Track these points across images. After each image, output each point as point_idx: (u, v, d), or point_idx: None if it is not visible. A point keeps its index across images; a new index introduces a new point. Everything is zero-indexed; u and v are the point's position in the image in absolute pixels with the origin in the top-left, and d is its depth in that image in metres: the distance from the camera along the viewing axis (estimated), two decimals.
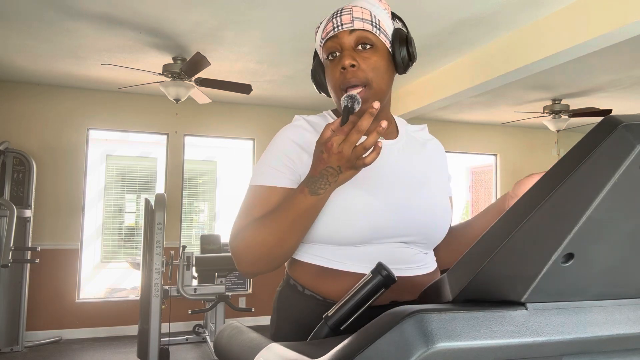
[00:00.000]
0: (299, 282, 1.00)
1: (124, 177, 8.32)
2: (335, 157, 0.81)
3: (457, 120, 6.47)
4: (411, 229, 0.97)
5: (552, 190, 0.43)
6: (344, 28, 0.97)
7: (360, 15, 0.98)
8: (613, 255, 0.48)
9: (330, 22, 0.99)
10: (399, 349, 0.44)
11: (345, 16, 0.98)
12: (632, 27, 2.67)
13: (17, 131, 4.93)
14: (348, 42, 0.97)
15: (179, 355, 4.46)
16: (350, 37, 0.97)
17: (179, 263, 4.16)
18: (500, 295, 0.50)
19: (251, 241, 0.92)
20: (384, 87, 1.00)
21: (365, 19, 0.98)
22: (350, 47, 0.97)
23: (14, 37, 3.68)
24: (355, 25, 0.97)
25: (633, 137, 0.40)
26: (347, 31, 0.97)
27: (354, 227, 0.93)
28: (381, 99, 0.99)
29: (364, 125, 0.79)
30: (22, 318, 4.50)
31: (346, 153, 0.81)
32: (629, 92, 4.94)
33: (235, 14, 3.21)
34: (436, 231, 1.01)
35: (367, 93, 0.96)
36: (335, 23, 0.98)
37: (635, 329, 0.52)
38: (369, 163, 0.82)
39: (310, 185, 0.86)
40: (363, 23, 0.97)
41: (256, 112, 5.79)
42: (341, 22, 0.98)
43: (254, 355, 0.71)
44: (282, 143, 1.01)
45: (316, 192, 0.86)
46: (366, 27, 0.97)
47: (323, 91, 1.10)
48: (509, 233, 0.47)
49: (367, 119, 0.79)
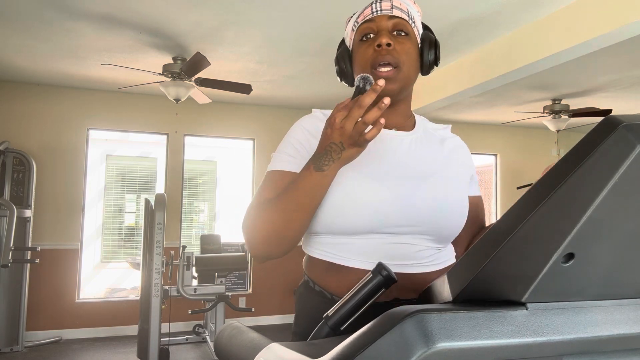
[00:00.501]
0: (311, 279, 1.03)
1: (124, 177, 8.32)
2: (338, 132, 0.84)
3: (457, 120, 6.47)
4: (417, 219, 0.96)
5: (552, 190, 0.43)
6: (383, 13, 1.02)
7: (399, 5, 1.03)
8: (613, 255, 0.48)
9: (370, 7, 1.04)
10: (399, 349, 0.44)
11: (385, 3, 1.03)
12: (632, 27, 2.67)
13: (17, 131, 4.93)
14: (385, 26, 1.02)
15: (179, 355, 4.46)
16: (389, 22, 1.02)
17: (179, 263, 4.16)
18: (501, 295, 0.50)
19: (260, 221, 0.94)
20: (411, 75, 1.03)
21: (403, 9, 1.03)
22: (387, 30, 1.02)
23: (14, 37, 3.68)
24: (394, 12, 1.03)
25: (633, 137, 0.40)
26: (386, 16, 1.02)
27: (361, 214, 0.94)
28: (406, 87, 1.03)
29: (366, 101, 0.81)
30: (22, 318, 4.51)
31: (348, 128, 0.83)
32: (629, 92, 4.94)
33: (235, 14, 3.21)
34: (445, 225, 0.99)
35: (397, 74, 0.99)
36: (374, 8, 1.03)
37: (635, 329, 0.52)
38: (370, 139, 0.83)
39: (315, 161, 0.88)
40: (401, 12, 1.03)
41: (256, 112, 5.79)
42: (381, 7, 1.03)
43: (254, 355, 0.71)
44: (295, 131, 1.06)
45: (320, 168, 0.88)
46: (403, 17, 1.03)
47: (345, 79, 1.11)
48: (509, 233, 0.47)
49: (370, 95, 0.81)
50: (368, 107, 0.82)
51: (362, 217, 0.94)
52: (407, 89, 1.04)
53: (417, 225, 0.97)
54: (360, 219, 0.94)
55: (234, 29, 3.47)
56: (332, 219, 0.95)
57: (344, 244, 0.97)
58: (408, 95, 1.09)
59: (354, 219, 0.94)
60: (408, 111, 1.11)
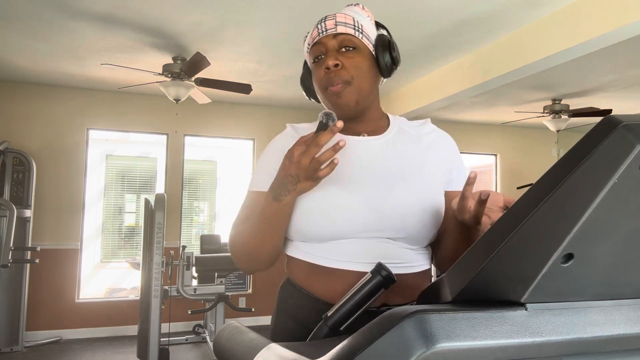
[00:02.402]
0: (295, 282, 1.04)
1: (124, 177, 8.31)
2: (295, 166, 0.88)
3: (457, 120, 6.47)
4: (388, 224, 0.96)
5: (552, 190, 0.43)
6: (327, 32, 1.04)
7: (343, 20, 1.04)
8: (613, 256, 0.48)
9: (316, 29, 1.06)
10: (399, 349, 0.44)
11: (329, 22, 1.04)
12: (632, 27, 2.67)
13: (17, 131, 4.93)
14: (332, 45, 1.03)
15: (179, 355, 4.46)
16: (334, 41, 1.03)
17: (179, 263, 4.16)
18: (500, 295, 0.50)
19: (237, 242, 1.03)
20: (365, 86, 1.03)
21: (347, 23, 1.04)
22: (334, 49, 1.03)
23: (14, 37, 3.68)
24: (338, 30, 1.03)
25: (633, 137, 0.39)
26: (331, 35, 1.04)
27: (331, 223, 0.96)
28: (362, 97, 1.04)
29: (322, 140, 0.85)
30: (22, 318, 4.51)
31: (304, 163, 0.87)
32: (629, 92, 4.94)
33: (235, 14, 3.21)
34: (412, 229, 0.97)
35: (347, 88, 1.01)
36: (320, 29, 1.05)
37: (635, 329, 0.52)
38: (323, 176, 0.88)
39: (273, 191, 0.93)
40: (346, 27, 1.03)
41: (256, 112, 5.79)
42: (325, 27, 1.04)
43: (254, 356, 0.71)
44: (269, 151, 1.11)
45: (278, 198, 0.92)
46: (349, 31, 1.03)
47: (312, 96, 1.16)
48: (509, 233, 0.47)
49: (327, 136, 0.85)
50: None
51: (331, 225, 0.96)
52: (365, 99, 1.05)
53: (388, 230, 0.97)
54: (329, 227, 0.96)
55: (234, 29, 3.47)
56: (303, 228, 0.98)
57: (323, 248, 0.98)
58: (372, 101, 1.08)
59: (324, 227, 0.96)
60: (376, 115, 1.11)
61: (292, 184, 0.90)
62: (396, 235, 0.97)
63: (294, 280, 1.05)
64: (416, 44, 3.69)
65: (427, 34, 3.51)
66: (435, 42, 3.69)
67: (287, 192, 0.91)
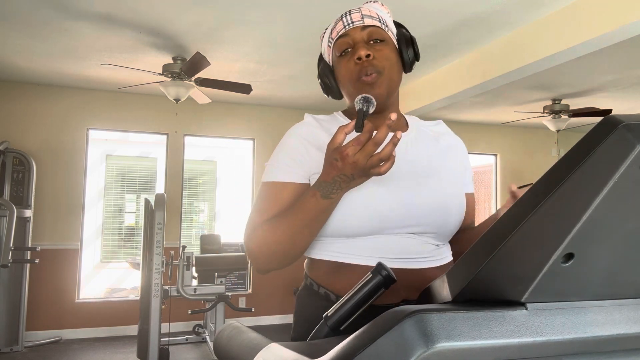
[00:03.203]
0: (315, 281, 1.02)
1: (124, 177, 8.31)
2: (350, 166, 0.83)
3: (457, 120, 6.47)
4: (419, 219, 0.97)
5: (552, 190, 0.43)
6: (355, 25, 1.03)
7: (369, 14, 1.04)
8: (613, 255, 0.48)
9: (341, 22, 1.05)
10: (399, 349, 0.44)
11: (355, 14, 1.03)
12: (632, 27, 2.67)
13: (17, 131, 4.93)
14: (360, 37, 1.02)
15: (179, 355, 4.46)
16: (363, 33, 1.02)
17: (179, 263, 4.16)
18: (500, 295, 0.50)
19: (265, 241, 0.96)
20: (395, 78, 1.04)
21: (373, 16, 1.04)
22: (363, 41, 1.02)
23: (13, 37, 3.68)
24: (365, 22, 1.03)
25: (633, 137, 0.40)
26: (359, 27, 1.03)
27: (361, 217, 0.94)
28: (392, 90, 1.04)
29: (382, 138, 0.81)
30: (22, 318, 4.50)
31: (361, 163, 0.82)
32: (629, 92, 4.94)
33: (235, 14, 3.21)
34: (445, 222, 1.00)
35: (380, 79, 1.00)
36: (346, 21, 1.04)
37: (635, 329, 0.52)
38: (383, 173, 0.83)
39: (322, 189, 0.88)
40: (372, 20, 1.04)
41: (256, 112, 5.79)
42: (352, 20, 1.03)
43: (254, 356, 0.71)
44: (292, 140, 1.04)
45: (328, 196, 0.88)
46: (376, 24, 1.03)
47: (332, 94, 1.12)
48: (509, 233, 0.47)
49: (384, 131, 0.81)
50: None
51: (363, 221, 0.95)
52: (393, 93, 1.05)
53: (418, 226, 0.98)
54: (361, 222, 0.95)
55: (234, 29, 3.47)
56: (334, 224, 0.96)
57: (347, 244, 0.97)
58: (395, 99, 1.09)
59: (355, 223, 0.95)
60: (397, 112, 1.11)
61: (345, 182, 0.86)
62: (424, 231, 0.99)
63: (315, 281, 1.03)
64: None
65: (427, 33, 3.51)
66: (435, 42, 3.69)
67: (340, 190, 0.88)
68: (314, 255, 1.02)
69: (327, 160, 0.87)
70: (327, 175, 0.87)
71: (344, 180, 0.86)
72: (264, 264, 0.98)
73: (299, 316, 1.06)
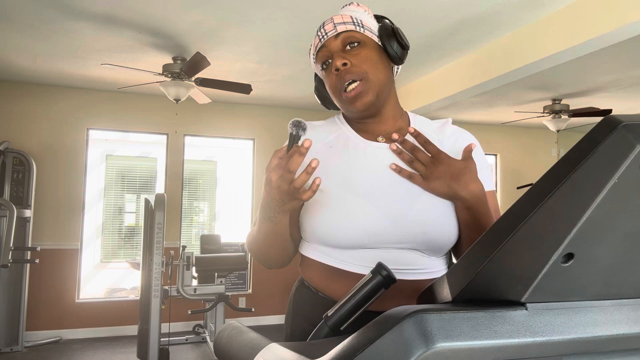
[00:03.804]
0: (311, 285, 1.02)
1: (124, 177, 8.31)
2: (276, 191, 0.84)
3: (457, 120, 6.47)
4: (406, 237, 0.94)
5: (552, 190, 0.43)
6: (328, 36, 1.03)
7: (341, 20, 1.03)
8: (613, 255, 0.48)
9: (317, 36, 1.05)
10: (399, 349, 0.44)
11: (327, 25, 1.03)
12: (632, 27, 2.67)
13: (17, 131, 4.93)
14: (336, 46, 1.02)
15: (179, 355, 4.46)
16: (337, 42, 1.02)
17: (179, 263, 4.16)
18: (500, 295, 0.50)
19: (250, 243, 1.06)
20: (381, 78, 1.01)
21: (346, 22, 1.02)
22: (338, 49, 1.02)
23: (14, 37, 3.68)
24: (338, 29, 1.02)
25: (633, 137, 0.39)
26: (333, 37, 1.02)
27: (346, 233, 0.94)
28: (381, 92, 1.01)
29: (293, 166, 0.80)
30: (22, 318, 4.50)
31: (284, 188, 0.83)
32: (629, 92, 4.94)
33: (235, 14, 3.21)
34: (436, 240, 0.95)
35: (365, 85, 0.98)
36: (321, 35, 1.04)
37: (635, 329, 0.52)
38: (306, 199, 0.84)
39: (263, 212, 0.92)
40: (345, 25, 1.02)
41: (256, 112, 5.79)
42: (325, 31, 1.03)
43: (254, 356, 0.71)
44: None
45: (270, 219, 0.91)
46: (349, 28, 1.02)
47: (329, 105, 1.14)
48: (509, 233, 0.47)
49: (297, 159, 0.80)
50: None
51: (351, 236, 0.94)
52: (383, 93, 1.02)
53: (408, 242, 0.95)
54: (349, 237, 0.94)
55: (234, 29, 3.47)
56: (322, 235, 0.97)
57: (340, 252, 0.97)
58: (389, 96, 1.05)
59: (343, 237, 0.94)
60: (395, 112, 1.08)
61: (279, 205, 0.87)
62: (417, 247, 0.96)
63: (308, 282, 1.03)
64: (416, 43, 3.69)
65: (427, 33, 3.51)
66: (435, 42, 3.68)
67: (277, 214, 0.89)
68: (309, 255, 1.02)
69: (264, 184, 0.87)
70: (263, 199, 0.90)
71: (276, 204, 0.87)
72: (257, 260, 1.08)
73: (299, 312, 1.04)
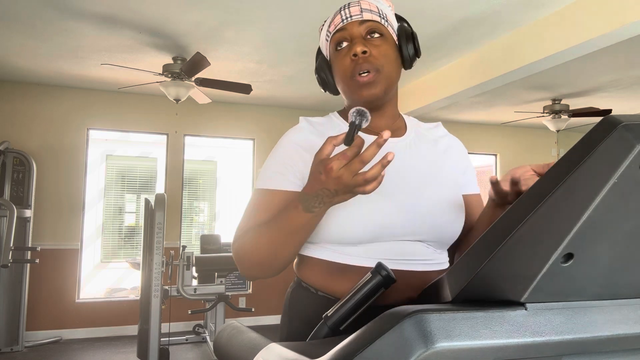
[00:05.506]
0: (310, 284, 1.00)
1: (124, 177, 8.31)
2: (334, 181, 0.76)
3: (457, 120, 6.47)
4: (418, 227, 0.95)
5: (552, 190, 0.43)
6: (353, 19, 0.99)
7: (368, 7, 1.00)
8: (613, 255, 0.48)
9: (339, 15, 1.01)
10: (399, 349, 0.44)
11: (353, 8, 1.00)
12: (632, 27, 2.67)
13: (17, 131, 4.93)
14: (358, 32, 0.99)
15: (179, 355, 4.46)
16: (361, 28, 0.99)
17: (179, 263, 4.16)
18: (500, 295, 0.50)
19: (249, 248, 0.93)
20: (393, 76, 1.00)
21: (373, 10, 1.00)
22: (360, 36, 0.98)
23: (14, 37, 3.68)
24: (364, 16, 0.99)
25: (633, 137, 0.39)
26: (357, 22, 0.99)
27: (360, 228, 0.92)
28: (390, 87, 1.00)
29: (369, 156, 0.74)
30: (22, 318, 4.50)
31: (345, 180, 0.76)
32: (629, 92, 4.94)
33: (235, 14, 3.21)
34: (445, 230, 0.98)
35: (378, 77, 0.97)
36: (344, 15, 1.00)
37: (635, 329, 0.52)
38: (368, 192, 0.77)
39: (304, 202, 0.83)
40: (372, 14, 0.99)
41: (256, 112, 5.79)
42: (350, 13, 0.99)
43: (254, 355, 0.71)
44: (285, 146, 1.01)
45: (310, 209, 0.83)
46: (375, 18, 0.99)
47: (328, 89, 1.09)
48: (509, 233, 0.47)
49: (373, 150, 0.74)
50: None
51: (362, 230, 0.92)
52: (391, 90, 1.01)
53: (419, 234, 0.96)
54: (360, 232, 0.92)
55: (234, 29, 3.46)
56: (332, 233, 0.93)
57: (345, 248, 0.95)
58: (393, 95, 1.06)
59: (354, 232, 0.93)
60: (395, 111, 1.08)
61: (328, 197, 0.79)
62: (424, 239, 0.97)
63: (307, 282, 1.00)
64: None
65: (427, 33, 3.51)
66: (435, 42, 3.68)
67: (322, 204, 0.81)
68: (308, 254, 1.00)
69: (312, 172, 0.80)
70: (310, 187, 0.81)
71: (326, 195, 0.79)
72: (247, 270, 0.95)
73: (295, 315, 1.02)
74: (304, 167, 0.97)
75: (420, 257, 0.97)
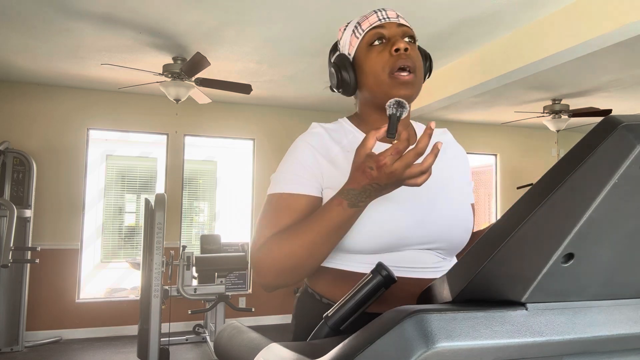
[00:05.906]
0: (316, 291, 0.99)
1: (124, 177, 8.31)
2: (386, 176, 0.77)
3: (457, 120, 6.47)
4: (434, 236, 0.96)
5: (552, 190, 0.43)
6: (391, 20, 1.01)
7: (402, 16, 1.05)
8: (613, 256, 0.48)
9: (374, 14, 1.02)
10: (399, 349, 0.44)
11: (390, 12, 1.02)
12: (632, 27, 2.67)
13: (17, 131, 4.93)
14: (397, 32, 1.00)
15: (179, 355, 4.46)
16: (399, 30, 1.00)
17: (179, 263, 4.16)
18: (501, 295, 0.50)
19: (277, 254, 0.89)
20: (421, 83, 1.02)
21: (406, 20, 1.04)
22: (399, 36, 1.00)
23: (14, 37, 3.68)
24: (400, 21, 1.02)
25: (633, 137, 0.39)
26: (395, 24, 1.01)
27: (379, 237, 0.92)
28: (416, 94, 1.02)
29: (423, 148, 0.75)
30: (22, 318, 4.50)
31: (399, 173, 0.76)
32: (629, 92, 4.94)
33: (235, 14, 3.21)
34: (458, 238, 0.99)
35: (415, 79, 0.97)
36: (380, 15, 1.02)
37: (635, 329, 0.52)
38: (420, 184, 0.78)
39: (350, 197, 0.82)
40: (406, 22, 1.04)
41: (256, 112, 5.79)
42: (387, 15, 1.02)
43: (254, 356, 0.71)
44: (302, 150, 0.99)
45: (356, 204, 0.82)
46: (409, 26, 1.03)
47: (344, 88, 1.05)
48: (509, 233, 0.47)
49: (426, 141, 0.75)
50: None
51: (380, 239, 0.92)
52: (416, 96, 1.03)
53: (434, 242, 0.97)
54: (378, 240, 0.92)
55: (234, 29, 3.46)
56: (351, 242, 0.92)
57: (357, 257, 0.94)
58: None
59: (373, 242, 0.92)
60: (408, 119, 1.10)
61: (376, 191, 0.80)
62: (437, 247, 0.97)
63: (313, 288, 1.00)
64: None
65: (427, 34, 3.50)
66: (435, 42, 3.68)
67: (369, 198, 0.82)
68: None
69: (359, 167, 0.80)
70: (356, 182, 0.80)
71: (375, 189, 0.79)
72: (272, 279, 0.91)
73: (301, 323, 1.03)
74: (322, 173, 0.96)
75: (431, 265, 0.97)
